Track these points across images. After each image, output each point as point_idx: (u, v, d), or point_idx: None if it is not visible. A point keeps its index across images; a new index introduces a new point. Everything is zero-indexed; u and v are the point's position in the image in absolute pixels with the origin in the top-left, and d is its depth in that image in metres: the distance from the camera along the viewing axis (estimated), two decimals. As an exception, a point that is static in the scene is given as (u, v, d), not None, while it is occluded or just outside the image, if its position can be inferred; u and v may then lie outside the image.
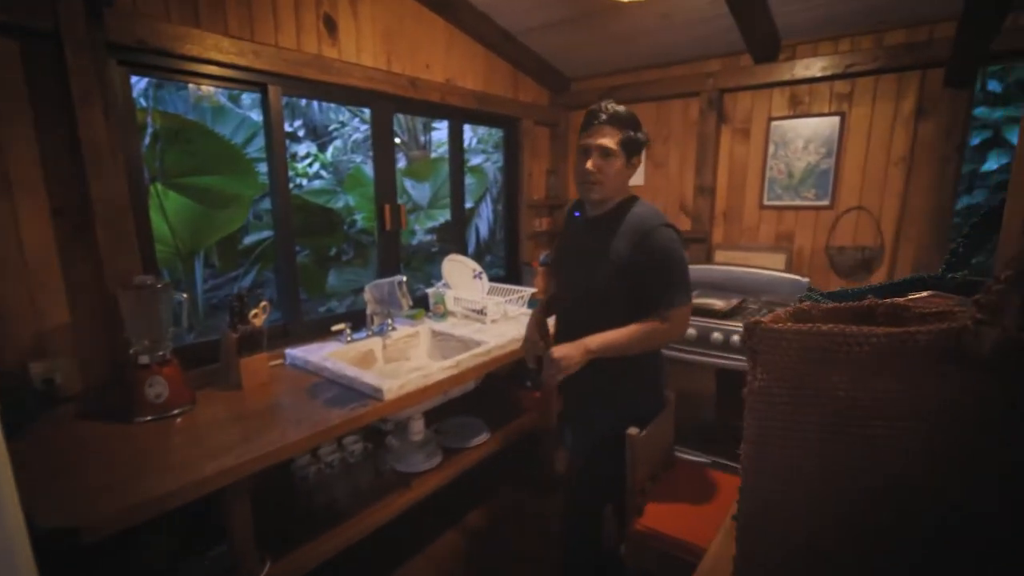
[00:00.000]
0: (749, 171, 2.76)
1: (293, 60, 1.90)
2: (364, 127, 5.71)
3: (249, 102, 5.40)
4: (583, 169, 1.40)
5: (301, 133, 5.51)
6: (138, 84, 3.59)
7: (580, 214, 1.54)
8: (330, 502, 1.79)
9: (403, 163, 5.05)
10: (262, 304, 1.72)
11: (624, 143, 1.38)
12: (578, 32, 2.61)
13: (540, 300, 1.96)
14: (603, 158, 1.38)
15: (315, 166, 5.42)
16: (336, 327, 2.04)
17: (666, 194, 3.05)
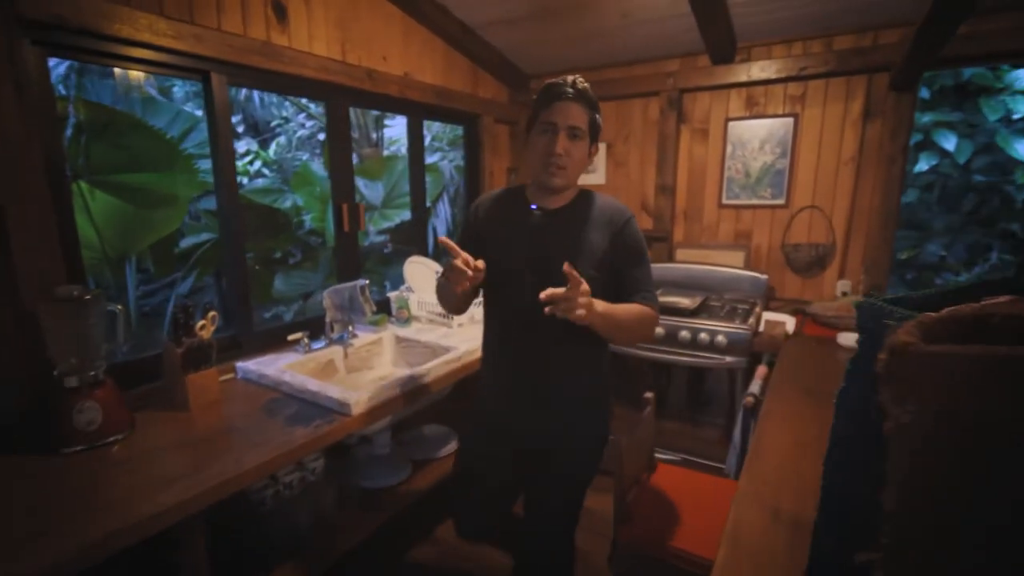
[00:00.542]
0: (708, 171, 2.81)
1: (239, 46, 1.74)
2: (310, 123, 5.45)
3: (182, 95, 5.04)
4: (551, 150, 1.19)
5: (240, 129, 5.19)
6: (57, 69, 3.24)
7: (537, 206, 1.31)
8: (291, 528, 1.65)
9: (355, 161, 4.85)
10: (210, 314, 1.56)
11: (591, 125, 1.23)
12: (539, 28, 2.56)
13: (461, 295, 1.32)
14: (571, 140, 1.20)
15: (256, 164, 5.13)
16: (292, 337, 1.90)
17: (627, 193, 3.06)
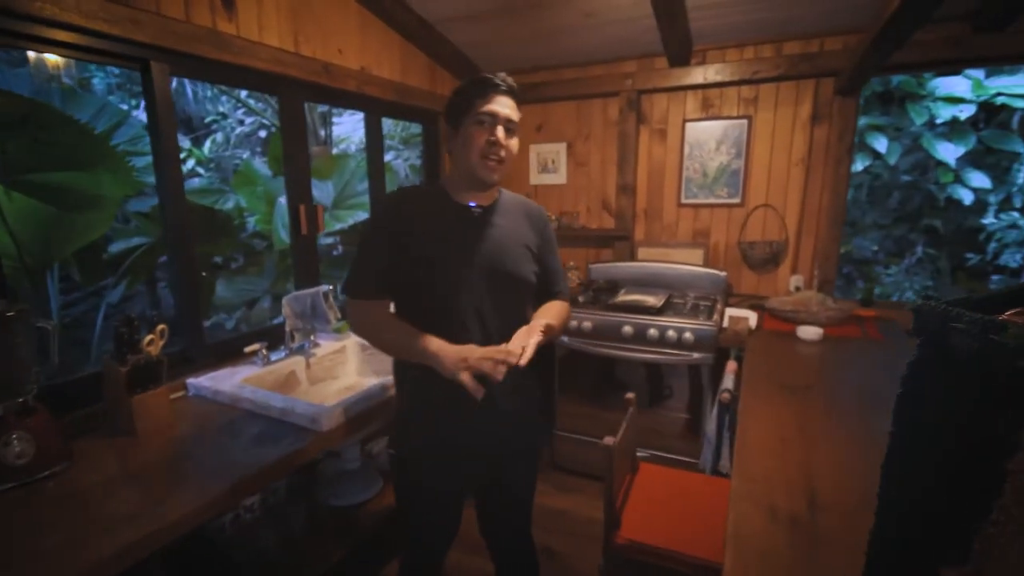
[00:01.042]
0: (667, 170, 2.86)
1: (183, 33, 1.58)
2: (250, 119, 5.16)
3: (104, 87, 4.62)
4: (491, 140, 1.12)
5: (173, 125, 4.83)
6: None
7: (476, 204, 1.22)
8: (255, 557, 1.53)
9: (301, 160, 4.63)
10: (159, 327, 1.41)
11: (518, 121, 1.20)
12: (500, 25, 2.52)
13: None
14: (507, 134, 1.16)
15: (190, 163, 4.80)
16: (249, 348, 1.76)
17: (588, 193, 3.07)
